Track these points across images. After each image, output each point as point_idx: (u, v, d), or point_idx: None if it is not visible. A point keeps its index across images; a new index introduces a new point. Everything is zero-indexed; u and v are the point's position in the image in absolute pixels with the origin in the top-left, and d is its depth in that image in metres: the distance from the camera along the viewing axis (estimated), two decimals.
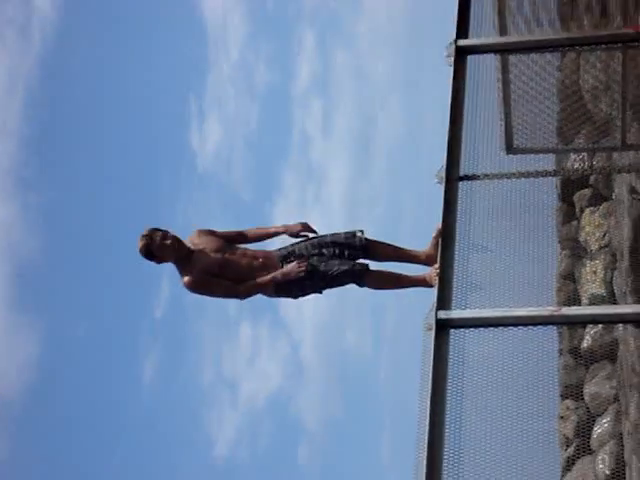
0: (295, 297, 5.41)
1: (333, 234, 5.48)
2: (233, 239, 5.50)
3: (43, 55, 22.05)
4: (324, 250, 5.38)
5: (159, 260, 5.42)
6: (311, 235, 5.50)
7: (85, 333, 20.00)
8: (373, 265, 5.50)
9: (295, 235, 5.46)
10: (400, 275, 5.40)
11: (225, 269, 5.30)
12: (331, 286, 5.35)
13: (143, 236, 5.35)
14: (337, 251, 5.37)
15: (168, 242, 5.33)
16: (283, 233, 5.52)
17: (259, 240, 5.58)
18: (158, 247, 5.34)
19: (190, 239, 5.46)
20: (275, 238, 5.56)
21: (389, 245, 5.51)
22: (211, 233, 5.48)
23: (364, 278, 5.30)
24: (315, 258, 5.35)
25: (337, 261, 5.31)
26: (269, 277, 5.26)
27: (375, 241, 5.50)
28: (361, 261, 5.41)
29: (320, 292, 5.38)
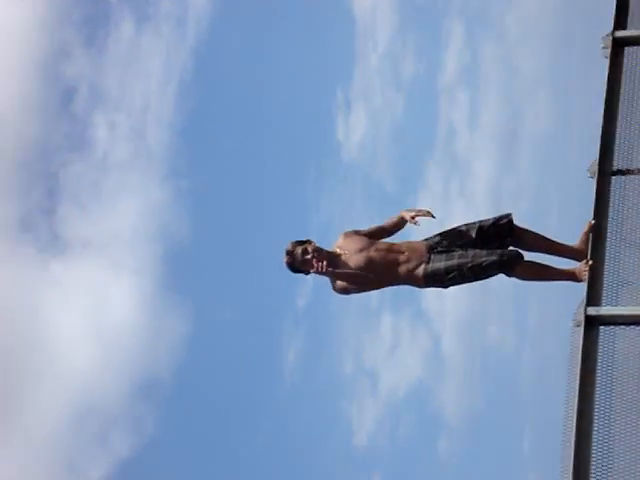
0: (446, 287, 5.37)
1: (481, 220, 5.40)
2: (376, 235, 5.51)
3: (197, 48, 22.62)
4: (471, 238, 5.30)
5: (307, 273, 5.47)
6: (460, 225, 5.45)
7: (231, 316, 20.46)
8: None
9: (411, 219, 5.42)
10: (550, 267, 5.28)
11: (372, 268, 5.33)
12: (479, 278, 5.27)
13: (286, 253, 5.41)
14: (485, 238, 5.29)
15: (308, 256, 5.39)
16: (403, 219, 5.49)
17: (395, 230, 5.57)
18: (301, 262, 5.42)
19: (336, 244, 5.50)
20: (410, 226, 5.53)
21: (538, 234, 5.39)
22: (355, 233, 5.51)
23: (514, 268, 5.20)
24: (460, 251, 5.28)
25: (485, 251, 5.24)
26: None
27: (523, 228, 5.39)
28: (510, 249, 5.29)
29: (471, 280, 5.32)
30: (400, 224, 5.56)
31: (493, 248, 5.25)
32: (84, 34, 21.07)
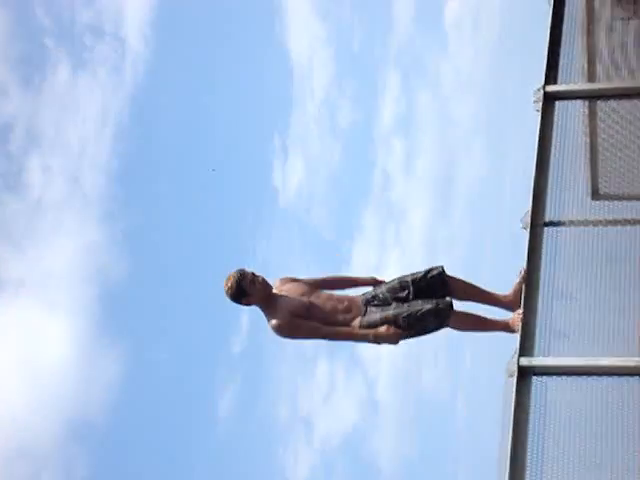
0: (379, 342, 5.39)
1: (413, 273, 5.46)
2: (316, 285, 5.50)
3: (133, 92, 22.60)
4: (406, 292, 5.35)
5: (248, 301, 5.37)
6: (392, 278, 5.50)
7: (166, 359, 20.28)
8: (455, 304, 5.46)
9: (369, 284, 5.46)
10: (484, 318, 5.34)
11: (311, 312, 5.31)
12: (417, 331, 5.28)
13: (234, 273, 5.33)
14: (418, 291, 5.34)
15: (260, 279, 5.34)
16: (359, 285, 5.51)
17: (342, 287, 5.58)
18: (250, 284, 5.32)
19: (274, 286, 5.47)
20: (354, 288, 5.57)
21: (470, 284, 5.46)
22: (294, 280, 5.50)
23: (448, 317, 5.25)
24: (395, 304, 5.32)
25: (420, 301, 5.28)
26: (361, 333, 5.24)
27: (456, 278, 5.46)
28: (445, 299, 5.34)
29: (408, 338, 5.35)
30: (356, 285, 5.54)
31: (428, 297, 5.30)
32: (20, 74, 20.94)
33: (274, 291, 5.39)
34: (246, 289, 5.29)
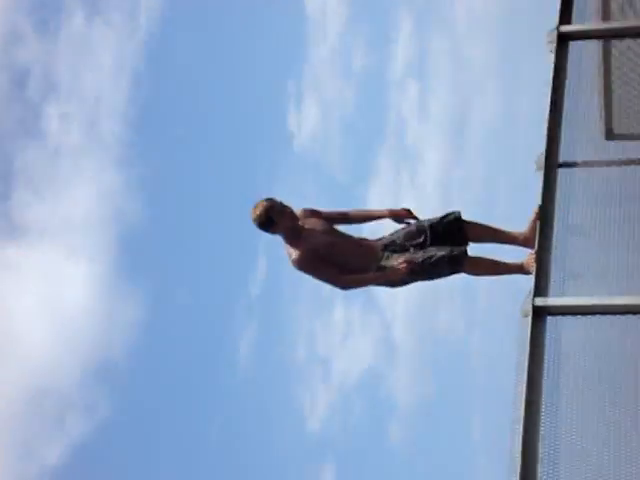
0: (395, 287, 5.43)
1: (430, 219, 5.47)
2: (337, 220, 5.46)
3: (148, 39, 22.50)
4: (422, 237, 5.38)
5: (274, 230, 5.30)
6: (411, 222, 5.51)
7: (185, 302, 20.45)
8: (471, 248, 5.49)
9: (400, 221, 5.44)
10: (498, 262, 5.37)
11: (332, 253, 5.30)
12: (430, 274, 5.33)
13: (263, 201, 5.25)
14: (434, 236, 5.37)
15: (288, 210, 5.30)
16: (387, 217, 5.49)
17: (362, 222, 5.54)
18: (279, 212, 5.26)
19: (298, 216, 5.42)
20: (377, 222, 5.55)
21: (486, 226, 5.48)
22: (317, 214, 5.45)
23: (462, 263, 5.28)
24: (413, 250, 5.34)
25: (434, 248, 5.32)
26: (372, 277, 5.25)
27: (471, 221, 5.47)
28: (459, 247, 5.37)
29: (425, 279, 5.37)
30: (376, 218, 5.51)
31: (443, 243, 5.33)
32: (35, 20, 20.86)
33: (299, 223, 5.36)
34: (274, 218, 5.26)
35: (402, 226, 5.50)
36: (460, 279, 5.48)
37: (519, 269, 5.21)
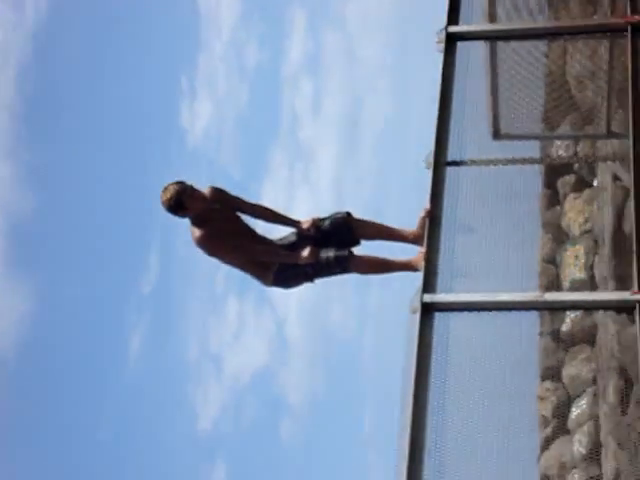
0: (289, 288, 5.46)
1: (320, 219, 5.51)
2: (244, 208, 5.42)
3: (35, 30, 22.02)
4: (313, 236, 5.43)
5: (184, 213, 5.28)
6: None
7: (74, 297, 20.10)
8: (362, 246, 5.56)
9: (304, 232, 5.43)
10: (386, 260, 5.45)
11: (236, 242, 5.26)
12: (321, 274, 5.39)
13: (174, 185, 5.22)
14: (325, 235, 5.42)
15: (198, 195, 5.25)
16: (295, 227, 5.47)
17: (271, 221, 5.52)
18: (189, 197, 5.22)
19: (206, 193, 5.37)
20: (279, 225, 5.54)
21: (376, 224, 5.55)
22: (225, 194, 5.40)
23: (349, 263, 5.35)
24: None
25: (324, 248, 5.38)
26: (284, 254, 5.26)
27: (361, 220, 5.53)
28: (343, 249, 5.41)
29: (312, 281, 5.44)
30: (285, 224, 5.49)
31: (333, 245, 5.37)
32: None
33: (207, 206, 5.30)
34: (184, 203, 5.22)
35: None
36: (351, 276, 5.54)
37: (408, 266, 5.30)
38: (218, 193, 5.37)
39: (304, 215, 5.61)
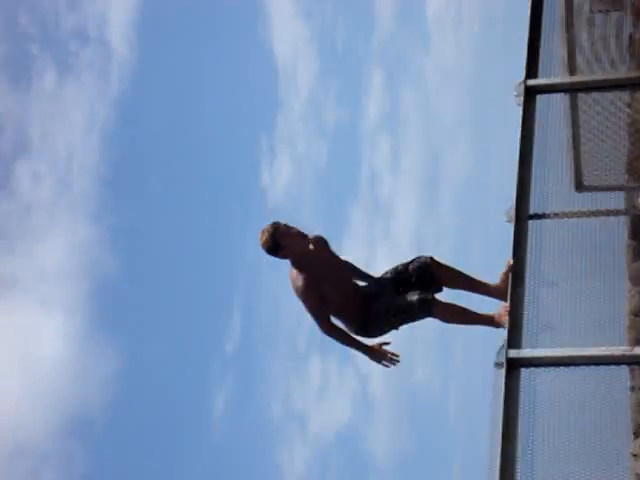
0: (373, 337, 5.42)
1: (404, 264, 5.46)
2: (345, 266, 5.45)
3: (119, 97, 22.63)
4: (395, 281, 5.36)
5: (283, 253, 5.25)
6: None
7: (159, 358, 20.33)
8: (444, 294, 5.48)
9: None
10: (470, 311, 5.37)
11: (332, 290, 5.24)
12: (404, 320, 5.32)
13: (268, 227, 5.23)
14: (406, 281, 5.34)
15: (293, 231, 5.27)
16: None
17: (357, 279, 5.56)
18: (284, 234, 5.21)
19: (310, 239, 5.35)
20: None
21: (459, 272, 5.47)
22: (327, 245, 5.40)
23: (432, 308, 5.27)
24: (388, 297, 5.35)
25: (407, 293, 5.32)
26: (356, 343, 5.29)
27: (444, 265, 5.46)
28: (427, 292, 5.35)
29: (397, 328, 5.37)
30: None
31: (415, 287, 5.30)
32: (6, 79, 20.92)
33: (310, 247, 5.30)
34: (280, 241, 5.23)
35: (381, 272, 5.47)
36: (434, 331, 5.49)
37: (491, 321, 5.22)
38: (321, 240, 5.37)
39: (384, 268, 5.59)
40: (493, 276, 5.51)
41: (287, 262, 5.30)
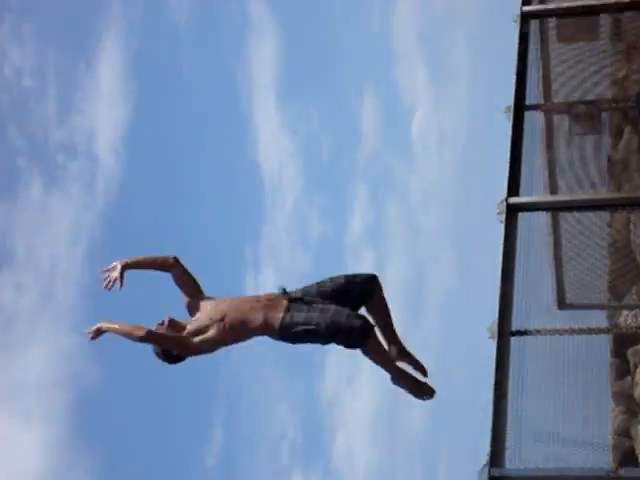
0: (295, 342, 4.92)
1: (346, 275, 4.90)
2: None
3: (104, 209, 22.83)
4: (333, 291, 4.93)
5: (170, 359, 5.16)
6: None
7: (138, 471, 19.94)
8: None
9: None
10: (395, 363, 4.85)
11: (225, 315, 5.03)
12: (332, 338, 4.67)
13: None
14: (346, 293, 4.80)
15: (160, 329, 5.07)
16: None
17: None
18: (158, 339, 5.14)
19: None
20: None
21: (389, 311, 4.92)
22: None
23: (369, 339, 4.69)
24: (321, 304, 4.85)
25: (347, 311, 4.69)
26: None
27: (383, 296, 4.92)
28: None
29: (322, 342, 4.93)
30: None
31: (351, 306, 4.74)
32: None
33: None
34: (163, 350, 5.12)
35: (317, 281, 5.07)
36: (418, 443, 5.38)
37: (417, 388, 4.79)
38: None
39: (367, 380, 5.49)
40: (477, 397, 5.46)
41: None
